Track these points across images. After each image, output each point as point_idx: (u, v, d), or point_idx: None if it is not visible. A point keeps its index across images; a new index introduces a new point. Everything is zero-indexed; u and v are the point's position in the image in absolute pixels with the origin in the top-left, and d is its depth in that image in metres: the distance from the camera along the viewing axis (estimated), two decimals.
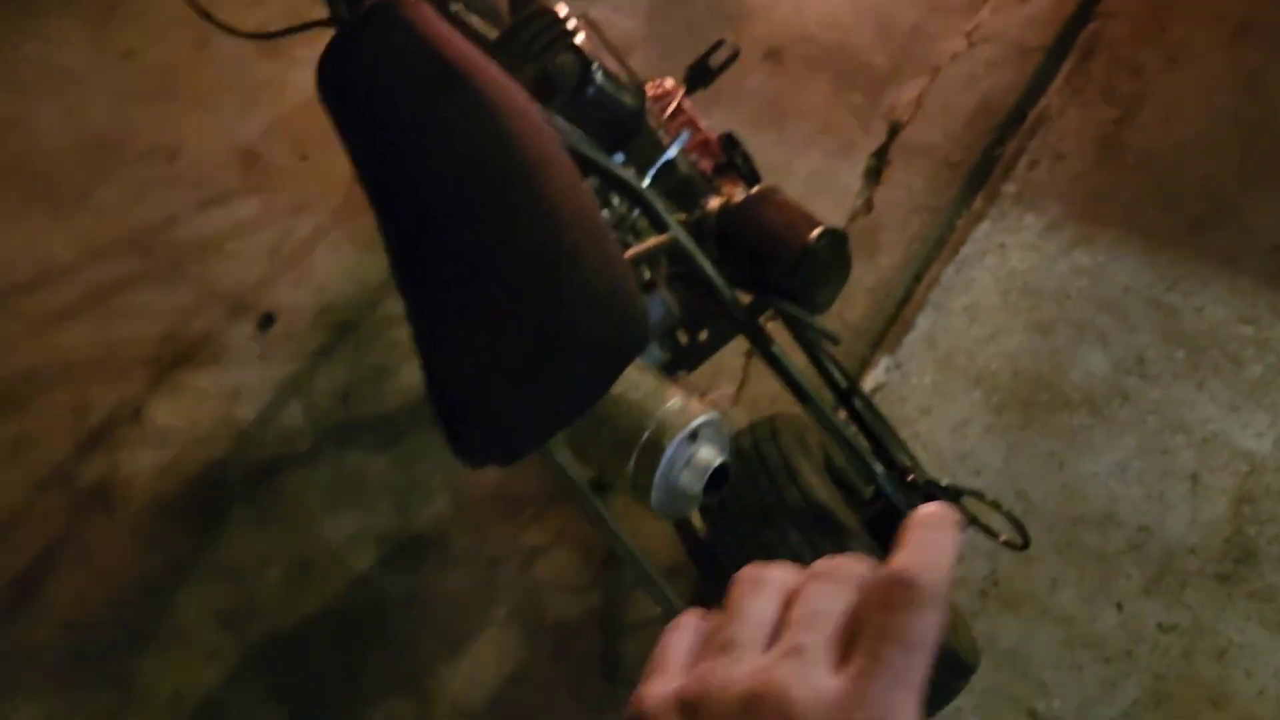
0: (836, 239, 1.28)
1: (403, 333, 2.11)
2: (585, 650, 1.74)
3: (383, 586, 1.85)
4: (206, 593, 1.90)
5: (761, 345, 1.30)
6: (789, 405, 1.74)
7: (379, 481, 1.97)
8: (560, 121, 1.33)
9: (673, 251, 1.28)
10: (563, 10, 1.35)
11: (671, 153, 1.43)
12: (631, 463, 1.09)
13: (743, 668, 0.37)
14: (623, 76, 1.45)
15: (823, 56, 2.43)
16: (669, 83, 1.55)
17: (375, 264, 2.25)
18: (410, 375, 2.07)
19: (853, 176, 2.21)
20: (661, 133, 1.48)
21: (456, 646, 1.77)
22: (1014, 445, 1.80)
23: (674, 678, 0.38)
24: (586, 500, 1.33)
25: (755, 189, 1.35)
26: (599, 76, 1.40)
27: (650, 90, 1.57)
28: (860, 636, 0.36)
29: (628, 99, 1.42)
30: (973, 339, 1.92)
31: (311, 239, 2.33)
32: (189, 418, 2.11)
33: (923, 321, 1.96)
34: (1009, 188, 2.10)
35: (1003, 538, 1.36)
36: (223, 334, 2.21)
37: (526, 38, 1.32)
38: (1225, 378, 1.81)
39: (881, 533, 1.37)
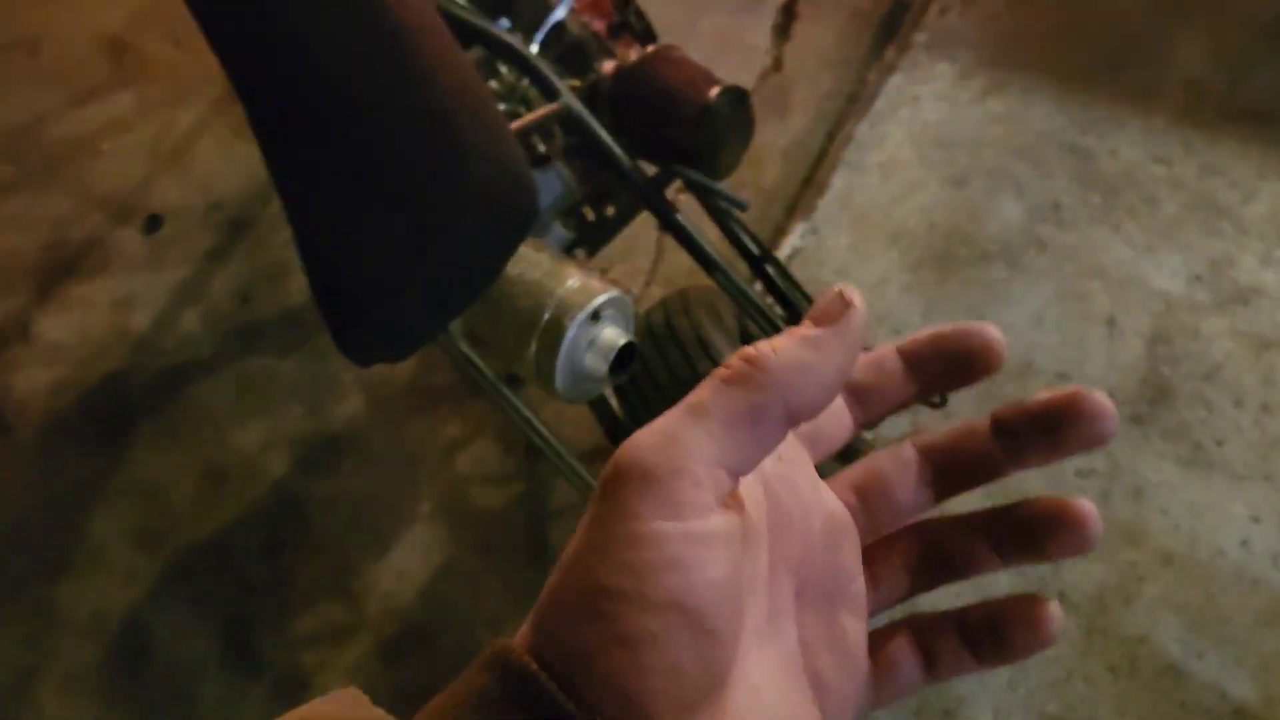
0: (737, 96, 1.21)
1: None
2: (512, 539, 1.72)
3: (302, 491, 1.80)
4: (118, 512, 1.83)
5: (663, 213, 1.23)
6: (705, 278, 1.70)
7: (288, 384, 1.89)
8: None
9: (566, 120, 1.21)
10: None
11: (560, 13, 1.33)
12: (533, 347, 1.04)
13: None
14: None
15: None
16: None
17: None
18: None
19: (760, 33, 2.11)
20: None
21: (382, 545, 1.74)
22: (932, 301, 1.78)
23: None
24: (495, 390, 1.28)
25: (650, 48, 1.27)
26: None
27: None
28: None
29: None
30: (888, 196, 1.88)
31: (193, 133, 2.18)
32: (81, 331, 2.00)
33: (837, 181, 1.91)
34: (920, 36, 2.03)
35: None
36: (107, 240, 2.08)
37: None
38: (1140, 219, 1.79)
39: None
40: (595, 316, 1.04)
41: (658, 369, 1.31)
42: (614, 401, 1.50)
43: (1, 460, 1.91)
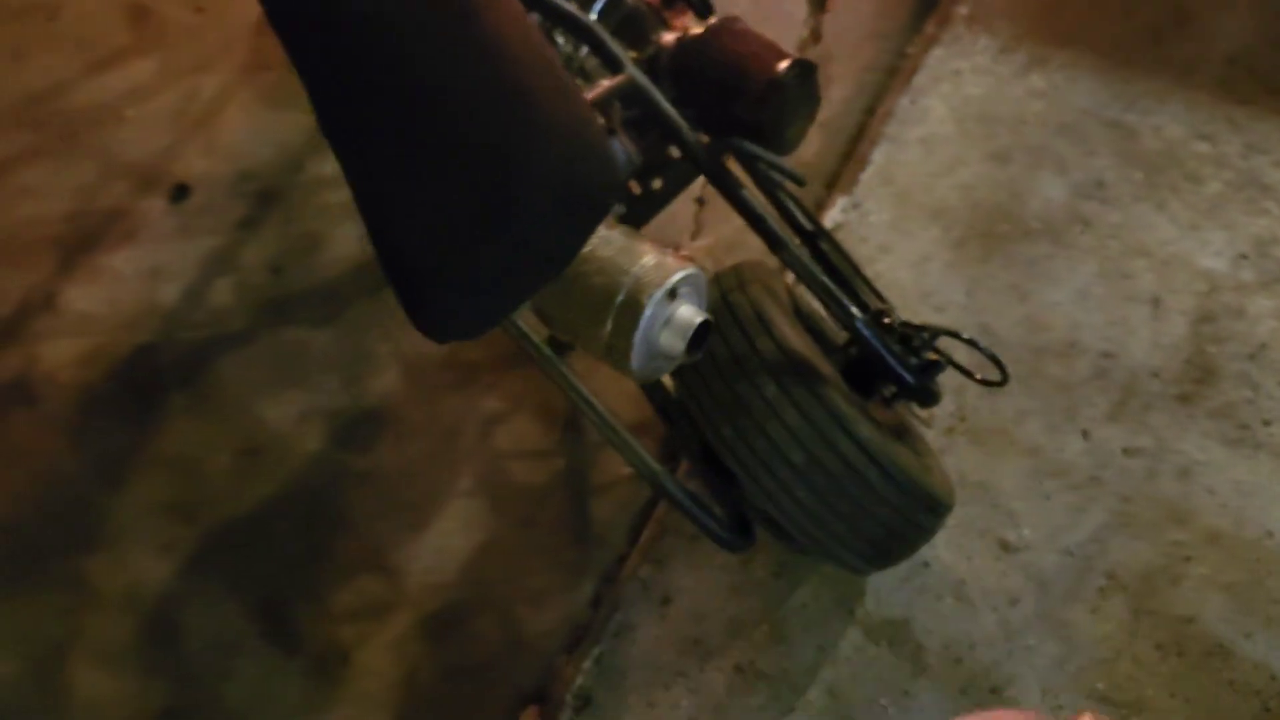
0: (805, 70, 1.19)
1: (333, 197, 1.98)
2: (554, 515, 1.71)
3: (339, 465, 1.78)
4: (150, 485, 1.81)
5: (728, 189, 1.22)
6: (744, 253, 1.68)
7: (322, 357, 1.87)
8: None
9: (628, 93, 1.18)
10: None
11: None
12: (608, 326, 1.02)
13: None
14: None
15: None
16: None
17: (292, 123, 2.09)
18: (346, 242, 1.95)
19: (797, 3, 2.08)
20: None
21: (422, 521, 1.72)
22: (976, 279, 1.76)
23: None
24: (550, 364, 1.26)
25: (714, 20, 1.24)
26: None
27: None
28: None
29: None
30: (929, 172, 1.86)
31: (218, 100, 2.15)
32: (109, 302, 1.97)
33: (878, 156, 1.89)
34: (961, 9, 2.00)
35: (979, 376, 1.34)
36: (134, 209, 2.05)
37: None
38: (1184, 197, 1.78)
39: (858, 380, 1.33)
40: (671, 294, 1.03)
41: (716, 346, 1.30)
42: (666, 377, 1.48)
43: (30, 432, 1.89)
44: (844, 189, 1.86)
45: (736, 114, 1.20)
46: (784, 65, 1.17)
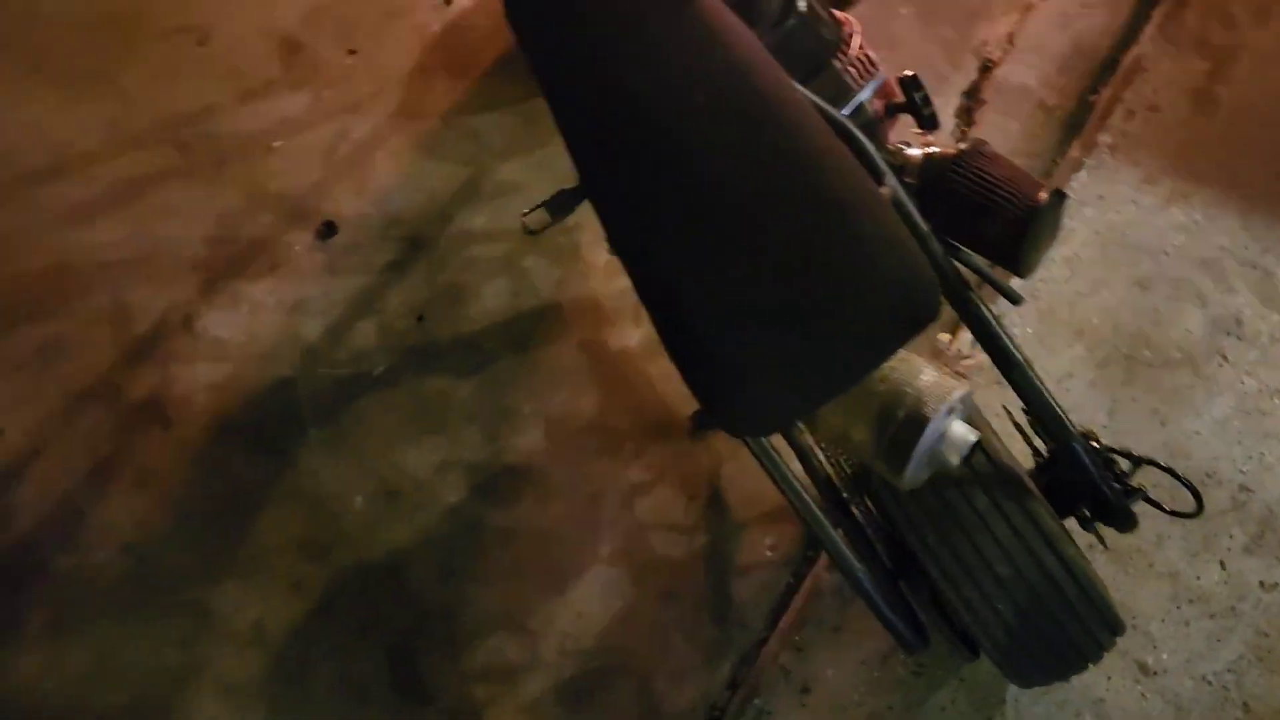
0: (1061, 199, 1.24)
1: (481, 251, 2.01)
2: (695, 592, 1.72)
3: (478, 518, 1.79)
4: (284, 519, 1.81)
5: (967, 307, 1.26)
6: None
7: (464, 409, 1.89)
8: None
9: None
10: None
11: (866, 94, 1.36)
12: (887, 435, 1.05)
13: None
14: (817, 6, 1.37)
15: None
16: (847, 17, 1.46)
17: (443, 174, 2.12)
18: (492, 297, 1.97)
19: (945, 115, 2.15)
20: (845, 71, 1.40)
21: (561, 584, 1.73)
22: (1118, 400, 1.81)
23: None
24: (770, 461, 1.27)
25: (968, 142, 1.29)
26: (802, 4, 1.32)
27: None
28: None
29: (826, 32, 1.34)
30: (1074, 291, 1.92)
31: (369, 143, 2.17)
32: (248, 330, 1.98)
33: None
34: (1105, 137, 2.08)
35: (1170, 509, 1.38)
36: (279, 241, 2.06)
37: None
38: None
39: (1056, 498, 1.36)
40: (948, 410, 1.06)
41: None
42: (828, 468, 1.51)
43: (161, 454, 1.88)
44: (989, 300, 1.91)
45: (985, 234, 1.25)
46: (1045, 194, 1.21)
